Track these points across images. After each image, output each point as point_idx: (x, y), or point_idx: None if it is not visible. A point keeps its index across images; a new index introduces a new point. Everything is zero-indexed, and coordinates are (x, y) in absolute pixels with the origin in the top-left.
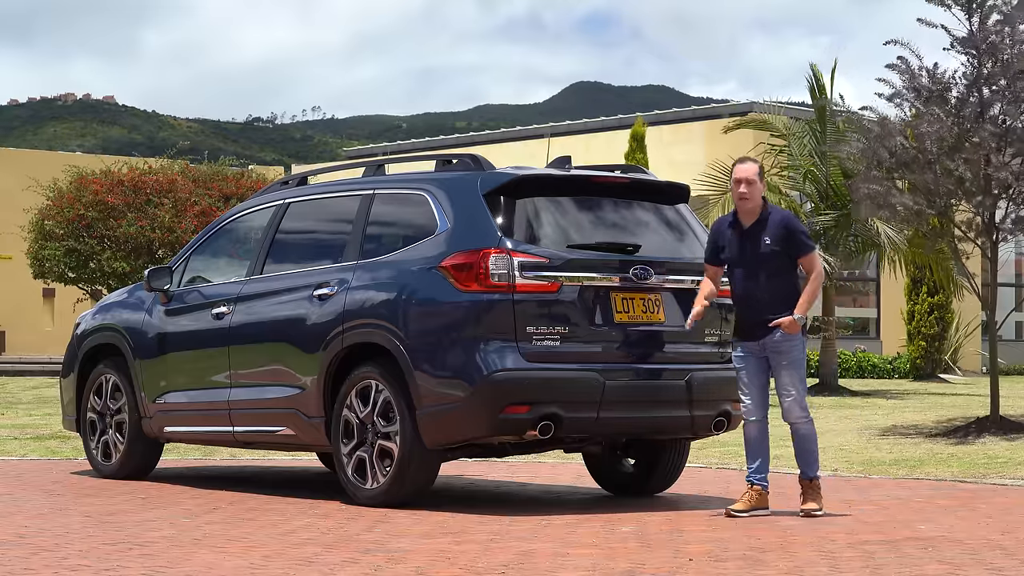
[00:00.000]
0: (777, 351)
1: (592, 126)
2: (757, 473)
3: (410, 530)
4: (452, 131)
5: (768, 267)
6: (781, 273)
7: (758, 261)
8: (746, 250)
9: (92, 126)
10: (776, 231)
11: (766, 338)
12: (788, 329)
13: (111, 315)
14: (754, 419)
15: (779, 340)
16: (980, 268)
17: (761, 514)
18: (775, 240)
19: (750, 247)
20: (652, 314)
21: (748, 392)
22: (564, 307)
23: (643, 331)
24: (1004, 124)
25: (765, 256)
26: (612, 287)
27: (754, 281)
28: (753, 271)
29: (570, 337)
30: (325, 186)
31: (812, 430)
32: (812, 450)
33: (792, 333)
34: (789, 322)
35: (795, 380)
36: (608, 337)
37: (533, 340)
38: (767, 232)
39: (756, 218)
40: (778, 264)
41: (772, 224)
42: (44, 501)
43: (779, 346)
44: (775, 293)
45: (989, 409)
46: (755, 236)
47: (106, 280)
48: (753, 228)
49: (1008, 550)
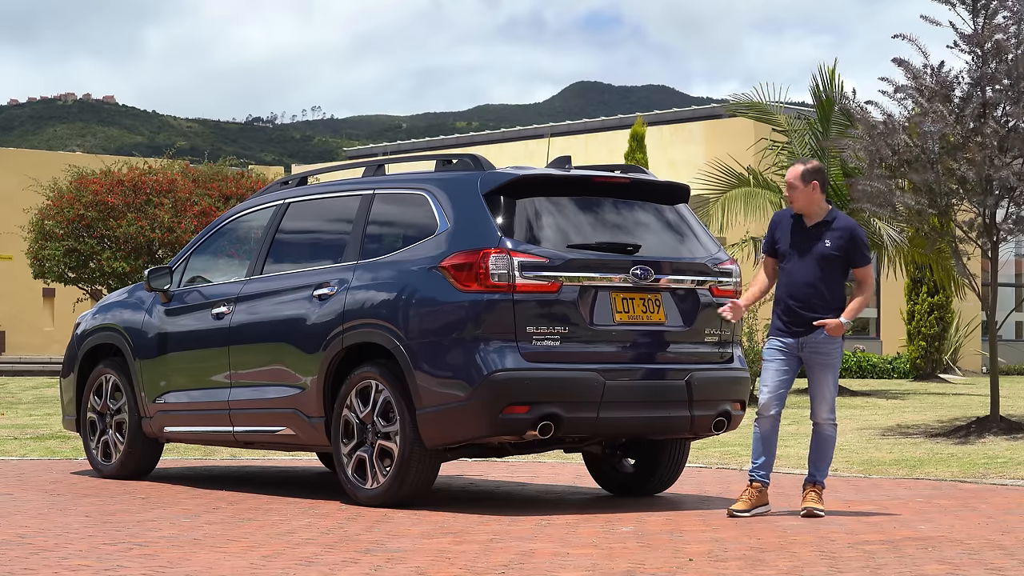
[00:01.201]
0: (816, 351)
1: (592, 126)
2: (761, 470)
3: (410, 530)
4: (452, 131)
5: (823, 269)
6: (834, 277)
7: (816, 262)
8: (805, 248)
9: (92, 126)
10: (840, 237)
11: (806, 337)
12: (833, 332)
13: (111, 315)
14: (769, 414)
15: (821, 341)
16: (980, 268)
17: (762, 512)
18: (836, 245)
19: (809, 246)
20: (652, 314)
21: (770, 386)
22: (564, 307)
23: (643, 331)
24: (1007, 124)
25: (824, 258)
26: (612, 287)
27: (806, 279)
28: (808, 270)
29: (570, 337)
30: (325, 186)
31: (834, 435)
32: (828, 455)
33: (836, 335)
34: (836, 324)
35: (830, 382)
36: (608, 337)
37: (533, 340)
38: (830, 235)
39: (821, 219)
40: (834, 268)
41: (837, 228)
42: (44, 501)
43: (820, 347)
44: (824, 295)
45: (989, 409)
46: (817, 236)
47: (106, 280)
48: (816, 228)
49: (1008, 550)
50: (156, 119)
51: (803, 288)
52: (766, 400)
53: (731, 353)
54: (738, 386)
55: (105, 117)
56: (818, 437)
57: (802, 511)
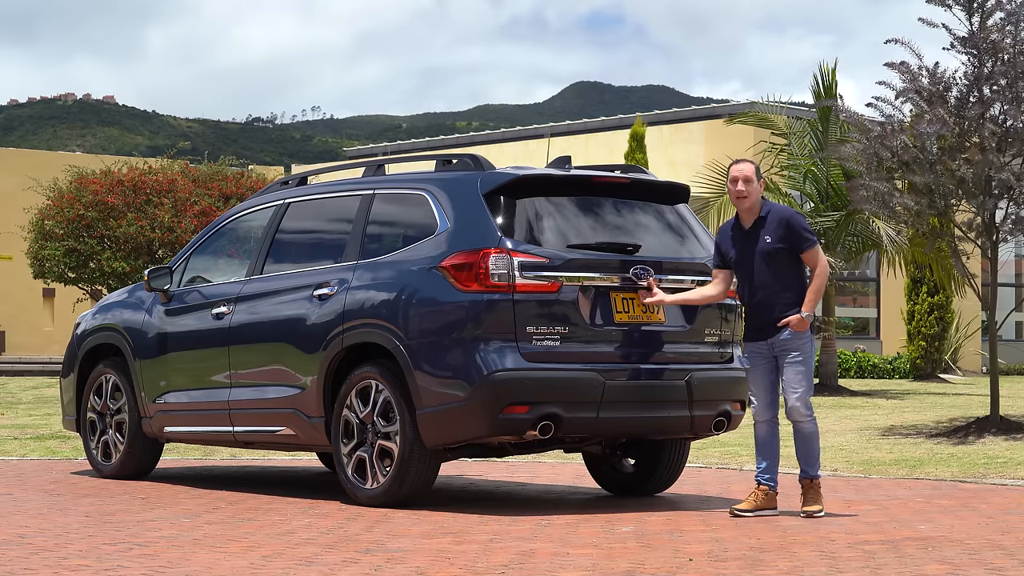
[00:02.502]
0: (785, 349)
1: (592, 126)
2: (765, 473)
3: (410, 530)
4: (452, 131)
5: (772, 265)
6: (786, 271)
7: (761, 260)
8: (748, 250)
9: (92, 126)
10: (776, 228)
11: (774, 337)
12: (796, 327)
13: (111, 315)
14: (763, 419)
15: (788, 338)
16: (980, 268)
17: (767, 515)
18: (776, 237)
19: (752, 247)
20: (652, 314)
21: (757, 393)
22: (564, 307)
23: (643, 331)
24: (1005, 124)
25: (767, 254)
26: (612, 287)
27: (759, 281)
28: (757, 271)
29: (570, 337)
30: (325, 186)
31: (815, 429)
32: (814, 449)
33: (800, 331)
34: (797, 320)
35: (801, 378)
36: (608, 337)
37: (533, 340)
38: (767, 230)
39: (756, 217)
40: (782, 261)
41: (772, 221)
42: (44, 501)
43: (788, 344)
44: (781, 291)
45: (989, 409)
46: (756, 235)
47: (106, 280)
48: (754, 227)
49: (1008, 550)
50: (156, 119)
51: (759, 290)
52: (757, 408)
53: (731, 353)
54: (738, 386)
55: (105, 117)
56: (798, 435)
57: (802, 513)
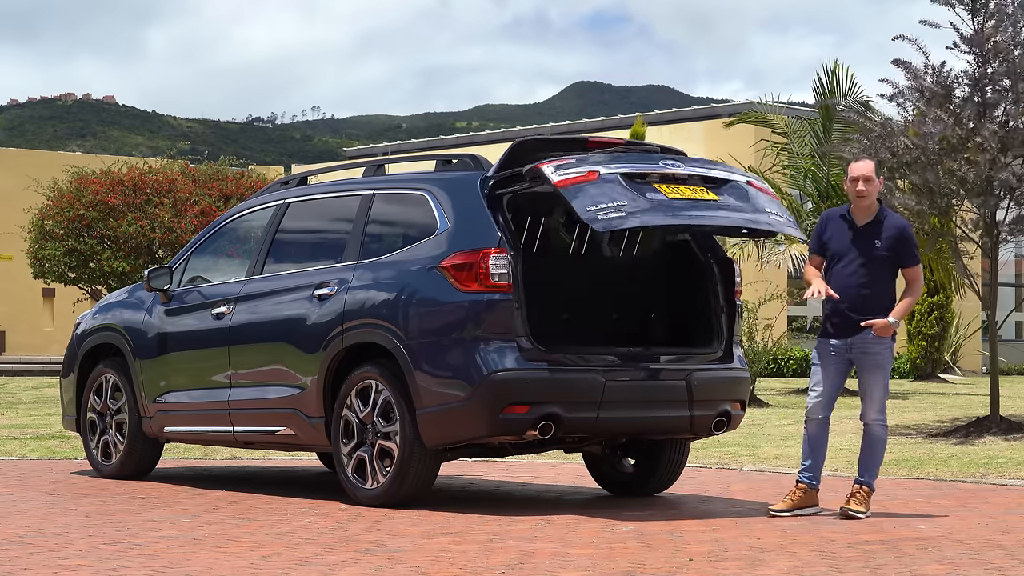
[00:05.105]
0: (865, 352)
1: (592, 126)
2: (807, 472)
3: (410, 530)
4: (452, 131)
5: (873, 270)
6: (885, 278)
7: (867, 262)
8: (856, 248)
9: (92, 126)
10: (891, 236)
11: (855, 338)
12: (881, 332)
13: (111, 315)
14: (818, 417)
15: (870, 341)
16: (980, 268)
17: (806, 513)
18: (887, 246)
19: (861, 245)
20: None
21: (819, 389)
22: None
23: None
24: (1007, 124)
25: (874, 258)
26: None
27: (856, 280)
28: (859, 271)
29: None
30: (325, 186)
31: (885, 435)
32: (878, 457)
33: (884, 336)
34: (883, 324)
35: (880, 382)
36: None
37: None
38: (881, 236)
39: (871, 218)
40: (884, 268)
41: (888, 228)
42: (44, 501)
43: (869, 347)
44: (873, 296)
45: (989, 409)
46: (867, 236)
47: (106, 280)
48: (867, 228)
49: (1008, 550)
50: (156, 119)
51: (853, 290)
52: (814, 404)
53: (731, 353)
54: (738, 386)
55: (105, 117)
56: (868, 438)
57: (840, 510)
